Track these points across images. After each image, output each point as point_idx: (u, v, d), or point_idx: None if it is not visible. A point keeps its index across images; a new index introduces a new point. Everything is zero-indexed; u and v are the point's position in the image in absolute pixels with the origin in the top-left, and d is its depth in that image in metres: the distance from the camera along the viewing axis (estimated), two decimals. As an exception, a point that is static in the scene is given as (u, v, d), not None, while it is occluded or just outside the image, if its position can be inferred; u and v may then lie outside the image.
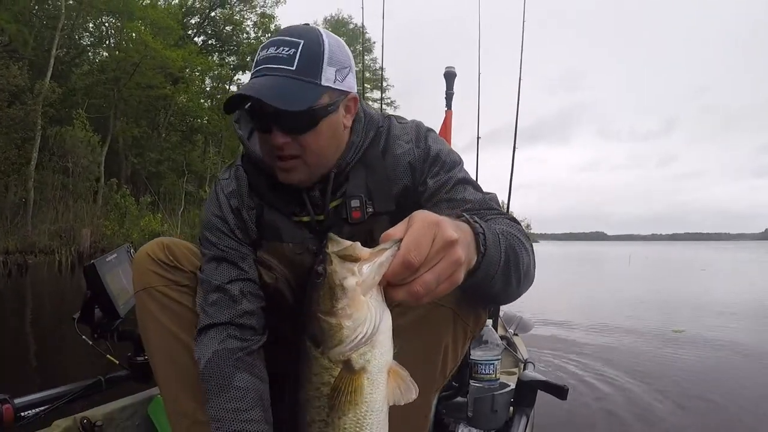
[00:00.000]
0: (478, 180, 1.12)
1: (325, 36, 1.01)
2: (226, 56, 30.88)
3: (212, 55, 30.02)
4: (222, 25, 30.27)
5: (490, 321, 2.03)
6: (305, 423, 0.64)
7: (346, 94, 1.04)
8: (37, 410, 1.39)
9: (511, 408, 1.63)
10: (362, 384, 0.59)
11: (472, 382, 1.61)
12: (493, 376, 1.62)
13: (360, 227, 1.09)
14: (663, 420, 2.73)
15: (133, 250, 1.71)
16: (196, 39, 29.99)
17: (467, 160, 1.15)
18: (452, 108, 2.61)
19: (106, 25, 25.50)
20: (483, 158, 3.17)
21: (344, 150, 1.08)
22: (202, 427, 1.04)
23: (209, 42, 30.94)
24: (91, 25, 25.51)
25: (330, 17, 37.84)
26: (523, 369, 2.09)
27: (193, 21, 29.89)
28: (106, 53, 25.70)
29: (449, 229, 0.62)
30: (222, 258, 1.11)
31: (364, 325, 0.59)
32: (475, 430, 1.54)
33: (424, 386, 0.65)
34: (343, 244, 0.62)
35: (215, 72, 29.47)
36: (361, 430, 0.60)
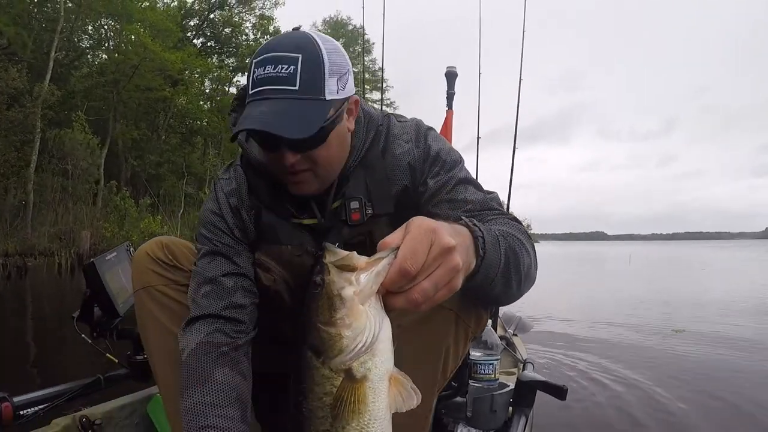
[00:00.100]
0: (478, 180, 1.12)
1: (321, 44, 0.97)
2: (225, 58, 30.84)
3: (211, 57, 30.00)
4: (221, 27, 30.24)
5: (489, 321, 2.03)
6: (309, 434, 0.64)
7: (348, 99, 1.03)
8: (37, 409, 1.40)
9: (510, 408, 1.63)
10: (364, 392, 0.59)
11: (472, 382, 1.61)
12: (493, 376, 1.62)
13: (359, 229, 1.09)
14: (663, 420, 2.72)
15: (132, 249, 1.71)
16: (195, 41, 29.97)
17: (467, 160, 1.15)
18: (453, 108, 2.61)
19: (105, 27, 25.50)
20: (483, 158, 3.17)
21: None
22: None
23: (208, 44, 30.91)
24: (90, 28, 25.50)
25: (329, 18, 37.93)
26: (523, 369, 2.09)
27: (191, 23, 29.87)
28: (105, 56, 25.70)
29: (446, 235, 0.61)
30: (217, 252, 1.10)
31: (364, 334, 0.59)
32: (474, 430, 1.54)
33: (425, 387, 0.65)
34: (340, 254, 0.62)
35: (214, 74, 29.44)
36: None
